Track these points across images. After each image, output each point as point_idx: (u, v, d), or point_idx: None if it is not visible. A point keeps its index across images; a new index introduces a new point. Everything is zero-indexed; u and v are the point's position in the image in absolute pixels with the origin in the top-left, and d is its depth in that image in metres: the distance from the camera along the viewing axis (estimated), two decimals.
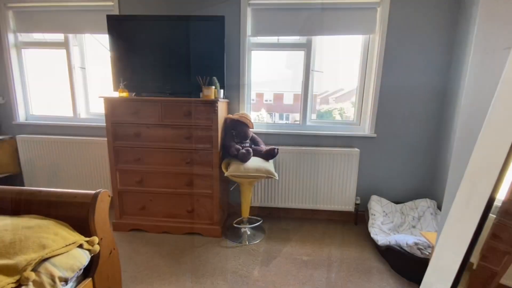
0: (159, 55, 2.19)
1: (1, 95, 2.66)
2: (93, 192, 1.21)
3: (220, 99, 2.05)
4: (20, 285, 0.86)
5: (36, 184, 2.67)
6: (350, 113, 2.61)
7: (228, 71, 2.39)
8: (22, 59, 2.66)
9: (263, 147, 2.23)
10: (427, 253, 1.65)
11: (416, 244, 1.68)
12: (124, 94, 2.14)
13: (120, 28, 2.16)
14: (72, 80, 2.61)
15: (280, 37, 2.40)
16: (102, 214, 1.23)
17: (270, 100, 3.36)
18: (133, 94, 2.26)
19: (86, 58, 2.66)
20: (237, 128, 2.18)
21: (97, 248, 1.16)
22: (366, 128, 2.44)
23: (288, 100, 3.69)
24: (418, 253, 1.67)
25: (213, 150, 2.08)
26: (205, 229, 2.20)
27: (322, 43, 2.42)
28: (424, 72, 2.25)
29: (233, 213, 2.66)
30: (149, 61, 2.21)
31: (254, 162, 2.02)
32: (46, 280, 0.93)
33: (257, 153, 2.15)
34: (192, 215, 2.22)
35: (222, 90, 2.17)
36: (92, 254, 1.15)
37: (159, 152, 2.13)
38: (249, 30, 2.35)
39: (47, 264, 0.96)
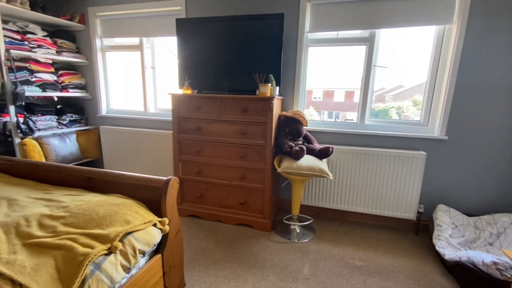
0: (219, 54, 2.32)
1: (90, 92, 3.14)
2: (165, 178, 1.36)
3: (275, 96, 2.08)
4: (110, 252, 1.03)
5: (112, 168, 3.10)
6: (411, 112, 2.38)
7: (283, 68, 2.40)
8: (106, 61, 3.09)
9: (317, 146, 2.19)
10: (509, 275, 1.42)
11: (495, 263, 1.46)
12: (188, 92, 2.33)
13: (186, 30, 2.35)
14: (144, 79, 2.94)
15: (340, 32, 2.30)
16: (171, 199, 1.38)
17: (319, 98, 3.26)
18: (195, 91, 2.44)
19: (156, 59, 2.97)
20: (291, 125, 2.18)
21: (167, 228, 1.30)
22: (435, 130, 2.20)
23: (338, 97, 3.53)
24: (496, 274, 1.45)
25: (267, 146, 2.12)
26: (256, 222, 2.28)
27: (387, 36, 2.24)
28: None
29: (282, 209, 2.69)
30: (210, 60, 2.35)
31: (308, 160, 2.00)
32: (129, 250, 1.09)
33: (311, 151, 2.12)
34: (244, 207, 2.31)
35: (277, 87, 2.19)
36: (163, 233, 1.30)
37: (217, 146, 2.26)
38: (307, 26, 2.32)
39: (130, 237, 1.12)
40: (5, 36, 2.29)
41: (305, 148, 2.02)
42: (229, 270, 1.75)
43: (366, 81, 2.32)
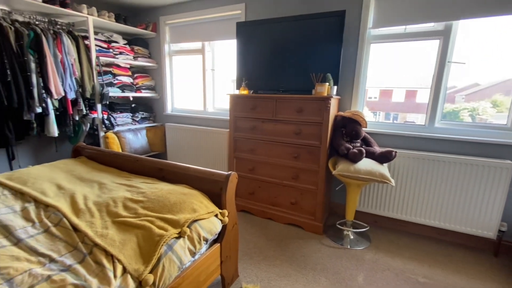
0: (276, 55, 2.35)
1: (158, 93, 3.51)
2: (225, 173, 1.45)
3: (333, 96, 2.02)
4: (180, 236, 1.14)
5: (174, 161, 3.39)
6: (489, 114, 2.05)
7: (342, 67, 2.31)
8: (172, 65, 3.41)
9: (377, 149, 2.06)
10: None
11: None
12: (245, 92, 2.42)
13: (245, 33, 2.45)
14: (204, 80, 3.16)
15: (409, 26, 2.11)
16: (231, 192, 1.46)
17: (375, 97, 3.05)
18: (251, 92, 2.53)
19: (215, 62, 3.16)
20: (348, 126, 2.09)
21: (226, 219, 1.39)
22: None
23: (398, 97, 3.25)
24: None
25: (321, 147, 2.08)
26: (307, 224, 2.25)
27: (465, 28, 1.98)
28: None
29: (334, 213, 2.60)
30: (267, 61, 2.40)
31: (367, 164, 1.89)
32: (195, 236, 1.19)
33: (370, 155, 2.00)
34: (295, 208, 2.31)
35: (335, 87, 2.12)
36: (223, 224, 1.39)
37: (270, 145, 2.30)
38: (370, 22, 2.19)
39: (196, 225, 1.22)
40: (96, 45, 2.71)
41: (364, 150, 1.91)
42: (280, 268, 1.77)
43: (438, 79, 2.08)
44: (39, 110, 2.23)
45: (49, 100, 2.29)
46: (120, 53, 2.99)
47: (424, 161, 2.05)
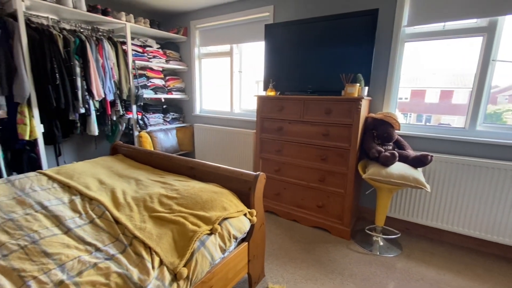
0: (304, 56, 2.34)
1: (187, 94, 3.64)
2: (254, 173, 1.47)
3: (364, 97, 1.96)
4: (211, 233, 1.18)
5: (202, 160, 3.51)
6: None
7: (374, 67, 2.24)
8: (201, 67, 3.53)
9: (411, 152, 1.97)
10: None
11: None
12: (272, 93, 2.44)
13: (274, 35, 2.46)
14: (232, 82, 3.22)
15: (448, 23, 1.99)
16: (259, 192, 1.48)
17: (406, 98, 2.91)
18: (278, 93, 2.53)
19: (243, 64, 3.21)
20: (380, 128, 2.02)
21: (255, 219, 1.41)
22: None
23: (431, 97, 3.08)
24: None
25: (351, 150, 2.03)
26: (333, 228, 2.20)
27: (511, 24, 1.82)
28: None
29: (362, 218, 2.52)
30: (295, 62, 2.40)
31: (399, 168, 1.81)
32: (225, 234, 1.22)
33: (403, 158, 1.92)
34: (321, 211, 2.27)
35: (366, 88, 2.06)
36: (251, 224, 1.41)
37: (297, 146, 2.29)
38: (405, 20, 2.10)
39: (226, 222, 1.26)
40: (132, 50, 2.89)
41: (397, 154, 1.84)
42: (306, 271, 1.75)
43: (481, 79, 1.94)
44: (82, 110, 2.42)
45: (91, 102, 2.48)
46: (154, 56, 3.15)
47: (463, 167, 1.92)
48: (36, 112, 2.13)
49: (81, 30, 2.57)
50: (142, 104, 2.99)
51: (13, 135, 2.09)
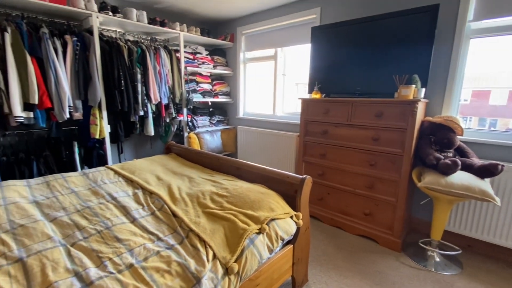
0: (352, 57, 2.26)
1: (232, 98, 3.79)
2: (301, 176, 1.47)
3: (420, 99, 1.82)
4: (260, 232, 1.21)
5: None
6: None
7: (432, 67, 2.06)
8: (246, 71, 3.64)
9: (476, 161, 1.76)
10: None
11: None
12: (317, 96, 2.41)
13: (320, 37, 2.43)
14: (275, 85, 3.26)
15: None
16: (305, 196, 1.47)
17: (466, 100, 2.60)
18: (324, 95, 2.49)
19: (287, 67, 3.23)
20: (439, 133, 1.85)
21: (301, 222, 1.41)
22: None
23: (497, 99, 2.73)
24: None
25: (404, 156, 1.90)
26: (382, 238, 2.08)
27: None
28: None
29: (415, 229, 2.33)
30: (342, 64, 2.33)
31: (462, 177, 1.64)
32: (273, 234, 1.25)
33: (466, 167, 1.73)
34: (368, 219, 2.16)
35: (423, 89, 1.91)
36: (297, 227, 1.41)
37: (343, 150, 2.22)
38: (470, 14, 1.90)
39: (273, 223, 1.28)
40: (184, 57, 3.11)
41: (459, 162, 1.66)
42: (352, 280, 1.69)
43: None
44: (141, 113, 2.68)
45: (149, 105, 2.74)
46: (203, 63, 3.35)
47: None
48: (105, 114, 2.43)
49: (142, 40, 2.86)
50: (192, 107, 3.20)
51: (86, 134, 2.41)
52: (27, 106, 1.97)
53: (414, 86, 1.86)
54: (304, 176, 1.46)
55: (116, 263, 0.97)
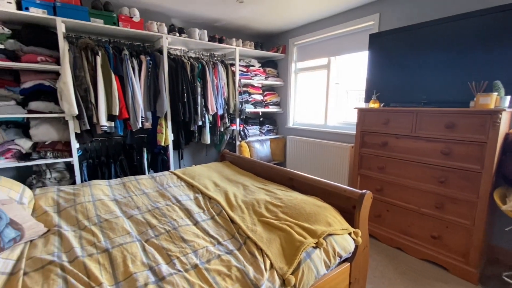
0: (416, 64, 2.09)
1: (282, 108, 3.83)
2: (359, 191, 1.40)
3: (505, 109, 1.58)
4: (317, 247, 1.18)
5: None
6: None
7: None
8: (297, 81, 3.65)
9: None
10: None
11: None
12: (375, 105, 2.28)
13: (380, 43, 2.31)
14: (327, 94, 3.20)
15: None
16: (364, 212, 1.39)
17: None
18: (382, 105, 2.34)
19: (340, 75, 3.14)
20: None
21: (359, 240, 1.33)
22: None
23: None
24: None
25: (483, 173, 1.65)
26: (454, 266, 1.82)
27: None
28: None
29: (496, 260, 1.99)
30: (404, 72, 2.17)
31: None
32: (330, 250, 1.21)
33: None
34: (436, 243, 1.92)
35: (508, 97, 1.66)
36: (356, 244, 1.34)
37: (406, 164, 2.04)
38: None
39: (331, 238, 1.24)
40: (239, 70, 3.28)
41: None
42: None
43: None
44: (200, 123, 2.90)
45: (206, 116, 2.95)
46: (256, 75, 3.48)
47: None
48: (169, 124, 2.70)
49: (202, 56, 3.11)
50: (244, 117, 3.33)
51: (153, 142, 2.71)
52: (110, 117, 2.31)
53: (496, 93, 1.63)
54: (364, 191, 1.39)
55: (183, 262, 1.05)
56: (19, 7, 2.00)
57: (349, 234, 1.33)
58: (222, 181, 1.96)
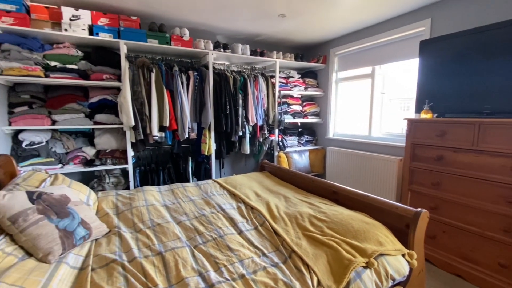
0: (477, 70, 1.90)
1: (321, 118, 3.76)
2: (414, 209, 1.30)
3: None
4: (367, 267, 1.12)
5: None
6: None
7: None
8: (338, 91, 3.57)
9: None
10: None
11: None
12: (428, 116, 2.11)
13: (432, 50, 2.16)
14: (372, 104, 3.06)
15: None
16: (420, 233, 1.28)
17: None
18: (435, 115, 2.16)
19: (386, 84, 2.99)
20: None
21: (415, 263, 1.22)
22: None
23: None
24: None
25: None
26: None
27: None
28: None
29: None
30: (461, 79, 1.99)
31: None
32: (382, 272, 1.13)
33: None
34: (505, 272, 1.67)
35: None
36: (410, 267, 1.23)
37: (466, 181, 1.84)
38: None
39: (382, 259, 1.16)
40: (278, 81, 3.32)
41: None
42: None
43: None
44: (240, 133, 2.99)
45: (247, 126, 3.03)
46: (295, 86, 3.49)
47: None
48: (213, 134, 2.83)
49: (244, 70, 3.23)
50: (283, 128, 3.35)
51: (198, 151, 2.85)
52: (161, 128, 2.50)
53: None
54: (419, 209, 1.28)
55: (230, 271, 1.08)
56: (90, 32, 2.31)
57: (403, 255, 1.23)
58: (263, 191, 1.97)
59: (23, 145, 2.18)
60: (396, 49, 2.75)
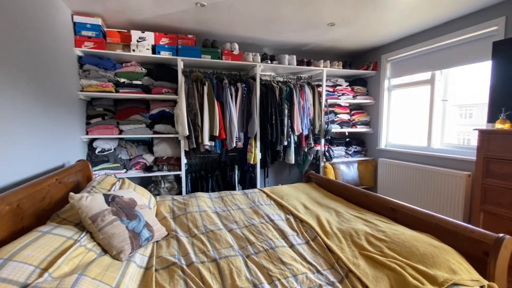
0: None
1: (372, 127, 3.55)
2: (495, 234, 1.13)
3: None
4: None
5: None
6: None
7: None
8: (390, 99, 3.34)
9: None
10: None
11: None
12: (505, 126, 1.85)
13: (508, 52, 1.90)
14: (431, 113, 2.79)
15: None
16: (503, 262, 1.11)
17: None
18: None
19: (449, 91, 2.71)
20: None
21: None
22: None
23: None
24: None
25: None
26: None
27: None
28: None
29: None
30: None
31: None
32: None
33: None
34: None
35: None
36: None
37: None
38: None
39: None
40: (326, 90, 3.25)
41: None
42: None
43: None
44: (285, 143, 2.98)
45: (292, 136, 3.01)
46: (342, 94, 3.38)
47: None
48: (258, 144, 2.88)
49: (289, 80, 3.24)
50: (329, 137, 3.24)
51: (243, 160, 2.92)
52: (211, 137, 2.63)
53: None
54: (502, 235, 1.11)
55: (284, 285, 1.06)
56: (153, 51, 2.57)
57: (481, 287, 1.07)
58: (311, 204, 1.92)
59: (96, 151, 2.50)
60: (461, 51, 2.48)
